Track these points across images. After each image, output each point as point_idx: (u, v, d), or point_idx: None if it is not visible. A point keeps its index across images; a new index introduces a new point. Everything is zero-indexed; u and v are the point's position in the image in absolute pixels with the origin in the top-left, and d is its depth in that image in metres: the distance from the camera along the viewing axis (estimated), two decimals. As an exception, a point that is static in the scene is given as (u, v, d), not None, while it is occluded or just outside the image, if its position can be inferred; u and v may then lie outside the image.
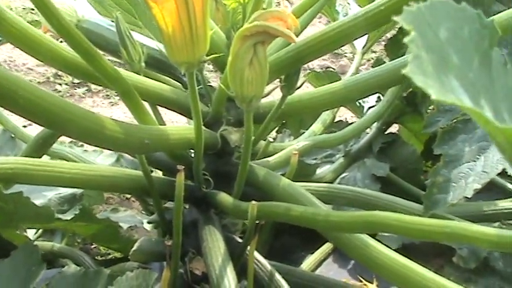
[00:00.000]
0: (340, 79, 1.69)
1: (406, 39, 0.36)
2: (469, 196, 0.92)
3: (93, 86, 2.93)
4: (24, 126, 1.88)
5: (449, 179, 0.94)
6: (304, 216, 0.75)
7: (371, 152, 1.61)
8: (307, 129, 1.54)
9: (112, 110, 2.75)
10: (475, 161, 0.94)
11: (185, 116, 1.11)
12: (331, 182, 1.49)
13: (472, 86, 0.36)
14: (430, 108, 1.66)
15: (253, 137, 0.91)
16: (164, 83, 1.06)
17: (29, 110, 0.65)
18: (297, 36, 0.76)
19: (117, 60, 1.08)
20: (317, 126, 1.43)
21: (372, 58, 3.18)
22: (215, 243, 0.93)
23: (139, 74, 0.98)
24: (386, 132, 1.69)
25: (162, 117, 1.07)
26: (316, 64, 3.23)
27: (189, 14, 0.72)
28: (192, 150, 1.03)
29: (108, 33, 1.07)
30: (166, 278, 0.91)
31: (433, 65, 0.34)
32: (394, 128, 1.76)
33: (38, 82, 2.90)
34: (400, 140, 1.66)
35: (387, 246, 0.76)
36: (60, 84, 2.91)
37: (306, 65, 2.87)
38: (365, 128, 1.44)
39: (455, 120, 1.00)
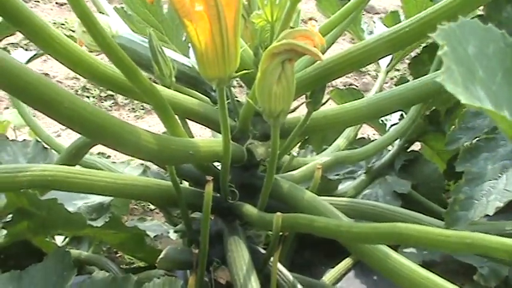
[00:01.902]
0: (362, 97, 1.72)
1: (439, 52, 0.40)
2: (491, 214, 0.93)
3: (119, 99, 3.00)
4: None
5: (471, 197, 0.95)
6: (328, 227, 0.77)
7: (393, 169, 1.63)
8: (329, 145, 1.56)
9: (137, 123, 2.81)
10: (497, 179, 0.95)
11: (212, 130, 1.14)
12: (353, 198, 1.51)
13: (495, 97, 0.39)
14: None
15: (278, 151, 0.94)
16: (191, 96, 1.10)
17: (72, 119, 0.69)
18: (323, 54, 0.79)
19: (148, 74, 1.13)
20: (341, 141, 1.46)
21: (395, 76, 3.20)
22: (240, 253, 0.95)
23: (170, 89, 1.03)
24: (408, 150, 1.71)
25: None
26: (339, 81, 3.25)
27: (222, 32, 0.76)
28: (218, 163, 1.07)
29: (140, 49, 1.12)
30: (192, 286, 0.94)
31: (462, 76, 0.38)
32: (416, 146, 1.78)
33: (67, 95, 2.97)
34: (422, 158, 1.67)
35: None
36: (88, 97, 3.00)
37: (329, 82, 2.90)
38: (387, 144, 1.46)
39: (477, 139, 1.02)
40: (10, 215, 1.18)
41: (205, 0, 0.72)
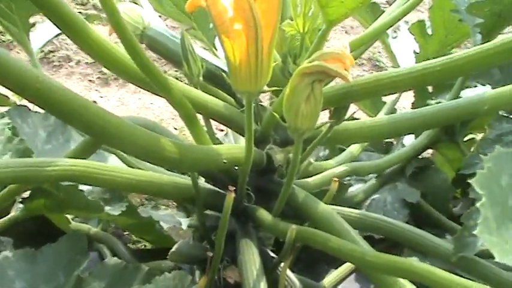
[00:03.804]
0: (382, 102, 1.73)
1: (478, 204, 0.42)
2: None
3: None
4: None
5: (482, 224, 0.97)
6: (342, 250, 0.79)
7: (403, 176, 1.64)
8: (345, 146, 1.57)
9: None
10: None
11: (235, 132, 1.16)
12: (362, 202, 1.53)
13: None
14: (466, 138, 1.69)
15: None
16: (212, 94, 1.11)
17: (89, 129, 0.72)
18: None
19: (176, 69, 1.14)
20: (355, 148, 1.47)
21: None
22: (251, 257, 0.98)
23: (197, 88, 1.04)
24: (420, 156, 1.72)
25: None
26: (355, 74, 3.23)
27: (257, 52, 0.77)
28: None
29: (170, 43, 1.13)
30: (202, 284, 0.97)
31: (496, 219, 0.40)
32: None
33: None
34: (432, 166, 1.68)
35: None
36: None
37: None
38: (400, 161, 1.48)
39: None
40: (28, 192, 1.21)
41: (245, 21, 0.73)
